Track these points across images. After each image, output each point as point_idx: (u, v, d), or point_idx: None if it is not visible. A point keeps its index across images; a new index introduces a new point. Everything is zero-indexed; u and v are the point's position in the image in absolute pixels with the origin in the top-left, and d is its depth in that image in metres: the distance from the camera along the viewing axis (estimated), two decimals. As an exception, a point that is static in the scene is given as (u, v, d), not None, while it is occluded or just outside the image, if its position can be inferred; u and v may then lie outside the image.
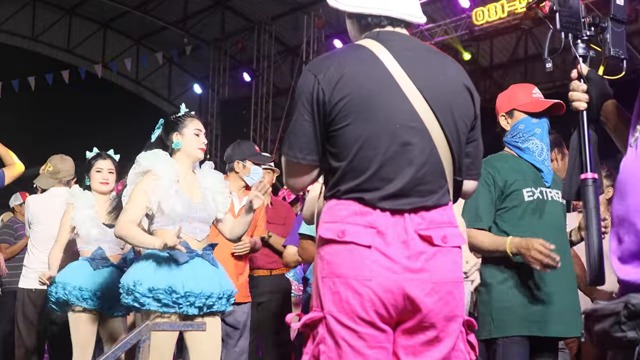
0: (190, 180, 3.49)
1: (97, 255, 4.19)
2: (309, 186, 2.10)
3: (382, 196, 1.90)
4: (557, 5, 2.12)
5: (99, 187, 4.35)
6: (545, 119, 3.08)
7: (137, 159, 3.43)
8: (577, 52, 2.13)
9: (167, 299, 3.24)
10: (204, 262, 3.38)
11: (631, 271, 1.61)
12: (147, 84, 19.40)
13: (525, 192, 2.95)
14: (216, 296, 3.34)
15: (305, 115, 1.96)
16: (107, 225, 4.23)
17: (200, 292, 3.28)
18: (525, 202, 2.96)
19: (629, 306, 1.53)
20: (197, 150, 3.48)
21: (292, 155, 1.99)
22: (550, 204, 3.00)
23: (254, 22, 16.56)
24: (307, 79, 1.97)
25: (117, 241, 4.25)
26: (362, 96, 1.91)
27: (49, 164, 5.04)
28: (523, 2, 11.67)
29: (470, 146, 2.06)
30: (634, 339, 1.52)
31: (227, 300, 3.41)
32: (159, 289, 3.24)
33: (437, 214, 1.94)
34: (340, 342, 1.87)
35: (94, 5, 17.48)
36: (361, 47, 1.99)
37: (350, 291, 1.87)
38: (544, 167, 3.04)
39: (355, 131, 1.91)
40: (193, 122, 3.52)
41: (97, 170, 4.35)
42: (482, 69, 14.23)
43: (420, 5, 2.10)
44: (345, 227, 1.90)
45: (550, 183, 3.06)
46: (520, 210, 2.95)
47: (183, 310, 3.26)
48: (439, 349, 1.92)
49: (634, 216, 1.60)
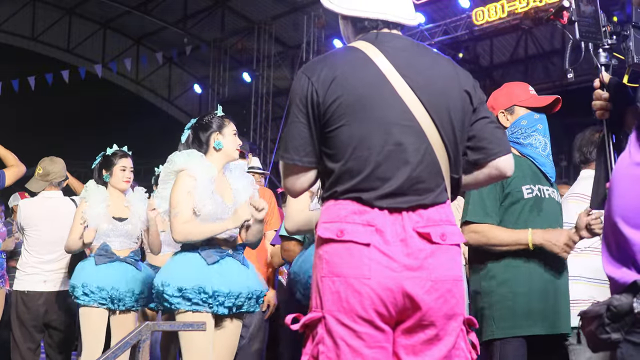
0: (222, 181, 3.49)
1: (102, 250, 4.20)
2: (308, 188, 2.10)
3: (379, 195, 1.91)
4: (576, 16, 2.11)
5: (122, 185, 4.37)
6: (544, 115, 3.07)
7: (171, 157, 3.43)
8: (599, 60, 2.12)
9: (197, 298, 3.24)
10: (234, 262, 3.38)
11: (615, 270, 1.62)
12: (147, 84, 19.42)
13: (524, 189, 2.95)
14: (245, 296, 3.34)
15: (300, 118, 1.97)
16: (117, 219, 4.27)
17: (229, 292, 3.27)
18: (525, 199, 2.95)
19: (611, 308, 1.55)
20: (235, 151, 3.49)
21: (289, 157, 2.00)
22: (547, 202, 2.99)
23: (254, 22, 16.58)
24: (301, 82, 1.98)
25: (128, 235, 4.29)
26: (355, 97, 1.92)
27: (39, 167, 5.04)
28: (523, 2, 11.69)
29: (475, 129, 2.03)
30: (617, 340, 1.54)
31: (256, 301, 3.41)
32: (188, 289, 3.25)
33: (435, 212, 1.94)
34: (339, 342, 1.88)
35: (94, 5, 17.51)
36: (354, 49, 2.00)
37: (350, 290, 1.87)
38: (547, 161, 3.03)
39: (349, 132, 1.92)
40: (230, 123, 3.54)
41: (122, 169, 4.37)
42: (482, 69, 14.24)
43: (417, 6, 2.11)
44: (344, 227, 1.90)
45: (555, 177, 3.07)
46: (520, 207, 2.94)
47: (214, 310, 3.27)
48: (439, 348, 1.92)
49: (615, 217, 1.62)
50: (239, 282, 3.33)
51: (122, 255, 4.22)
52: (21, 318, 4.99)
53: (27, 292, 4.99)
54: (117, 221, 4.27)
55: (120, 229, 4.26)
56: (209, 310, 3.27)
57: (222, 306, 3.28)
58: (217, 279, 3.27)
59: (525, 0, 11.64)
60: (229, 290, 3.28)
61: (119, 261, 4.18)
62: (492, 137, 2.04)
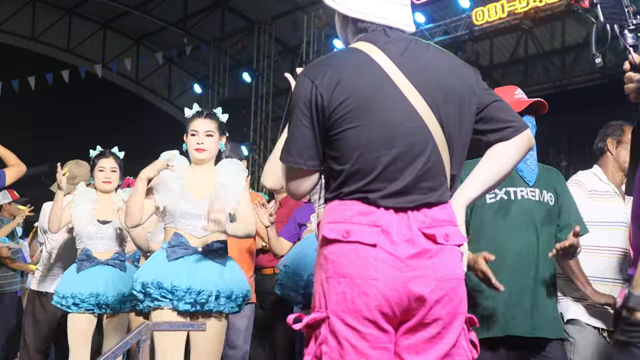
0: (201, 177, 3.50)
1: (84, 256, 4.19)
2: (311, 191, 2.09)
3: (384, 195, 1.91)
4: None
5: (101, 186, 4.38)
6: (528, 117, 3.03)
7: None
8: (627, 42, 2.06)
9: (156, 293, 3.24)
10: (202, 259, 3.36)
11: None
12: (147, 84, 19.41)
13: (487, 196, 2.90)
14: (208, 294, 3.29)
15: (304, 121, 1.96)
16: (102, 222, 4.25)
17: (188, 288, 3.25)
18: (487, 204, 2.93)
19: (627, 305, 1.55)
20: (192, 150, 3.52)
21: (293, 161, 1.99)
22: (519, 203, 2.95)
23: (254, 22, 16.57)
24: (304, 85, 1.96)
25: (112, 238, 4.26)
26: (361, 100, 1.92)
27: (66, 170, 5.07)
28: (523, 2, 11.68)
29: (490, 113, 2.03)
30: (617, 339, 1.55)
31: (227, 299, 3.36)
32: (148, 283, 3.26)
33: (439, 212, 1.95)
34: (343, 343, 1.88)
35: (94, 5, 17.49)
36: (356, 50, 2.00)
37: (356, 291, 1.87)
38: (524, 166, 3.00)
39: (356, 134, 1.92)
40: (192, 122, 3.56)
41: (100, 170, 4.38)
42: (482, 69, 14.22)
43: (417, 6, 2.11)
44: (350, 227, 1.90)
45: (534, 182, 3.01)
46: (482, 212, 2.92)
47: (175, 306, 3.25)
48: (440, 346, 1.92)
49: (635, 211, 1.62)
50: (203, 279, 3.30)
51: (104, 258, 4.21)
52: (36, 317, 5.01)
53: (45, 292, 5.02)
54: (102, 224, 4.25)
55: (104, 232, 4.25)
56: (169, 305, 3.26)
57: (182, 302, 3.25)
58: (176, 274, 3.26)
59: (525, 0, 11.63)
60: (188, 286, 3.25)
61: (101, 264, 4.17)
62: (511, 116, 2.05)
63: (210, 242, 3.41)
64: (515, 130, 2.04)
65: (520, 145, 2.05)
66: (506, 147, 2.04)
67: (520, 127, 2.05)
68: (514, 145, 2.04)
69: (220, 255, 3.41)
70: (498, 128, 2.04)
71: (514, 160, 2.06)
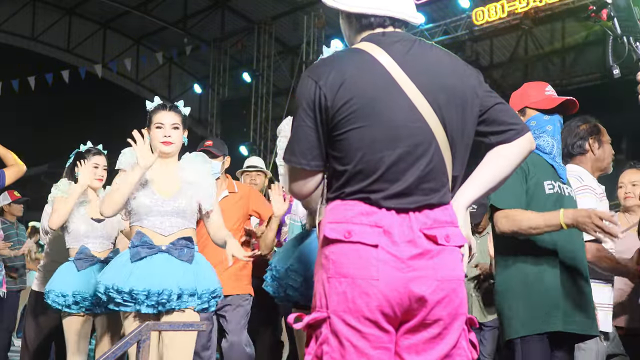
0: (166, 172, 3.42)
1: (82, 254, 4.12)
2: (314, 191, 2.07)
3: (386, 195, 1.91)
4: (615, 12, 2.09)
5: (94, 183, 4.29)
6: (557, 116, 3.06)
7: None
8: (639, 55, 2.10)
9: (118, 297, 3.17)
10: (166, 258, 3.26)
11: None
12: (147, 84, 19.39)
13: (546, 184, 2.94)
14: (169, 294, 3.17)
15: (307, 122, 1.95)
16: (96, 220, 4.19)
17: (148, 290, 3.15)
18: (547, 194, 2.94)
19: None
20: (158, 144, 3.41)
21: (296, 161, 1.99)
22: (567, 199, 2.99)
23: (254, 22, 16.57)
24: (308, 85, 1.96)
25: (106, 237, 4.21)
26: (365, 101, 1.92)
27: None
28: (523, 2, 11.68)
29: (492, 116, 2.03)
30: None
31: (190, 296, 3.23)
32: (110, 288, 3.19)
33: (440, 213, 1.95)
34: (344, 342, 1.88)
35: (94, 5, 17.50)
36: (360, 50, 1.99)
37: (357, 291, 1.87)
38: (555, 163, 3.03)
39: (360, 135, 1.92)
40: (156, 115, 3.45)
41: (94, 166, 4.31)
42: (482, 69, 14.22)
43: (417, 6, 2.11)
44: (351, 227, 1.90)
45: (565, 179, 3.06)
46: (542, 202, 2.92)
47: (139, 309, 3.17)
48: (441, 347, 1.93)
49: None
50: (163, 279, 3.19)
51: (102, 256, 4.15)
52: (38, 318, 4.99)
53: None
54: (96, 222, 4.19)
55: (99, 230, 4.18)
56: (135, 309, 3.18)
57: (144, 305, 3.17)
58: (136, 277, 3.18)
59: (525, 0, 11.64)
60: (147, 288, 3.16)
61: (100, 263, 4.09)
62: (513, 118, 2.06)
63: (176, 239, 3.31)
64: (517, 133, 2.04)
65: (522, 148, 2.06)
66: (507, 150, 2.05)
67: (521, 129, 2.05)
68: (515, 147, 2.05)
69: (186, 253, 3.31)
70: (500, 130, 2.04)
71: (514, 163, 2.07)
